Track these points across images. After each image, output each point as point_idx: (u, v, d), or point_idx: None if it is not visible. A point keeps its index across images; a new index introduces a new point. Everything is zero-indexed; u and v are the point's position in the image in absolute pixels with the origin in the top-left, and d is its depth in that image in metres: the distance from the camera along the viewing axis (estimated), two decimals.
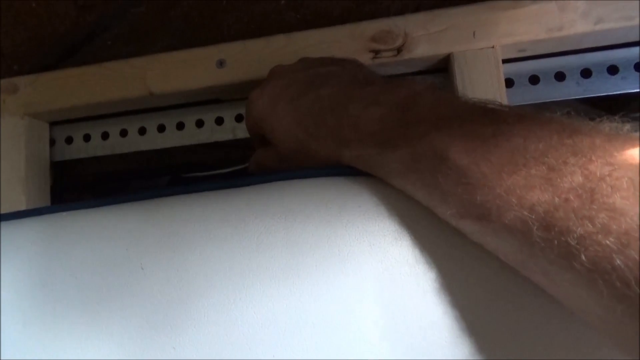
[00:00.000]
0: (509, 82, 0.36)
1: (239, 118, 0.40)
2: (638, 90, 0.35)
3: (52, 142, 0.44)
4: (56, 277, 0.28)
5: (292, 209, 0.27)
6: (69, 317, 0.28)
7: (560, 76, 0.36)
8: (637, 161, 0.17)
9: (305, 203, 0.27)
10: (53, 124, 0.43)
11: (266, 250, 0.26)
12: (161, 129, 0.42)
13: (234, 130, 0.40)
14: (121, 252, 0.28)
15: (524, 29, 0.32)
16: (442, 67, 0.35)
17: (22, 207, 0.38)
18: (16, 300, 0.28)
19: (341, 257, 0.25)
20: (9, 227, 0.30)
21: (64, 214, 0.30)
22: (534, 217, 0.18)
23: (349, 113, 0.26)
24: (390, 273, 0.24)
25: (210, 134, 0.40)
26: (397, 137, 0.23)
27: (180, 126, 0.41)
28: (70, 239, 0.29)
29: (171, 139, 0.41)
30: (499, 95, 0.32)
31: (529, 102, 0.36)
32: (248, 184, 0.28)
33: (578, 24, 0.32)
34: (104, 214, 0.29)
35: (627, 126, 0.19)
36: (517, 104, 0.35)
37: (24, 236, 0.29)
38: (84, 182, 0.54)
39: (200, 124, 0.41)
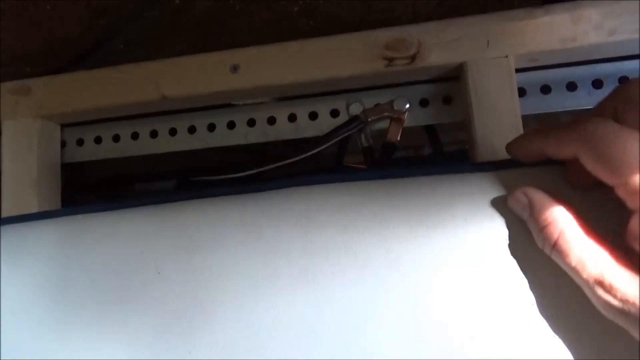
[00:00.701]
0: (521, 92, 0.36)
1: (250, 122, 0.40)
2: None
3: (63, 144, 0.44)
4: (72, 278, 0.28)
5: (308, 215, 0.27)
6: (83, 318, 0.28)
7: (571, 86, 0.36)
8: None
9: (321, 209, 0.27)
10: (64, 126, 0.44)
11: (283, 256, 0.26)
12: (173, 132, 0.42)
13: (245, 135, 0.40)
14: (136, 254, 0.28)
15: (538, 39, 0.33)
16: (455, 76, 0.36)
17: (34, 209, 0.38)
18: (32, 300, 0.28)
19: (357, 263, 0.25)
20: (25, 229, 0.30)
21: (80, 216, 0.30)
22: None
23: None
24: (408, 280, 0.25)
25: (222, 138, 0.40)
26: None
27: (191, 130, 0.41)
28: (86, 242, 0.29)
29: (182, 143, 0.41)
30: (513, 105, 0.32)
31: (541, 112, 0.36)
32: (264, 190, 0.28)
33: (591, 35, 0.32)
34: (119, 217, 0.29)
35: None
36: (529, 113, 0.36)
37: (39, 238, 0.30)
38: (90, 184, 0.54)
39: (212, 127, 0.41)
